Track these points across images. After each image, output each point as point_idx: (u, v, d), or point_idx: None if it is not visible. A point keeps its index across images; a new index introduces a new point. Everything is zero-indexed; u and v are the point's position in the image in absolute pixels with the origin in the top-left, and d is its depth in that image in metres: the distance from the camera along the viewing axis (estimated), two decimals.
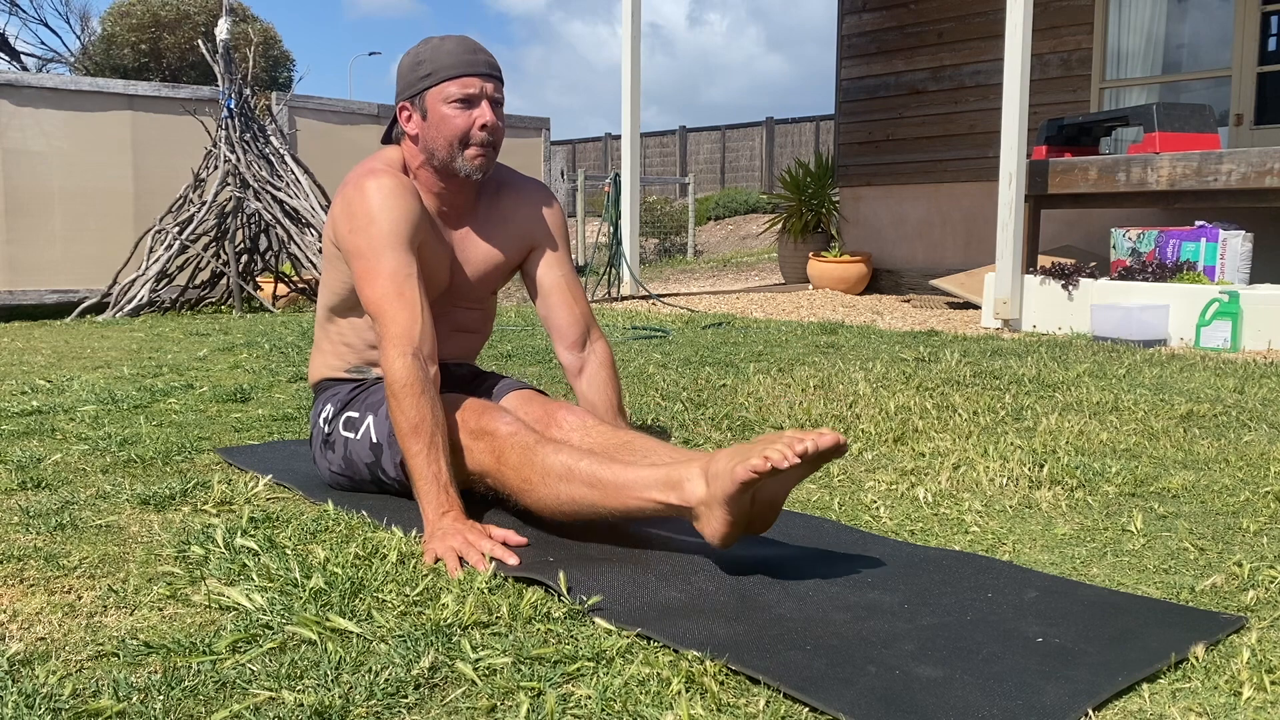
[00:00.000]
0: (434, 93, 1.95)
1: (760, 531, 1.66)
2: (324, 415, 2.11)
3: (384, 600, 1.47)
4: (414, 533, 1.76)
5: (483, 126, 1.95)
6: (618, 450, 1.83)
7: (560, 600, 1.47)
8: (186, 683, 1.21)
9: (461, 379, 2.17)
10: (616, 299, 7.43)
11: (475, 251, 2.09)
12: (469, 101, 1.94)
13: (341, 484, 2.10)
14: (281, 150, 7.07)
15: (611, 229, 7.62)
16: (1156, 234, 5.32)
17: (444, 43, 1.97)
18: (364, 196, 1.92)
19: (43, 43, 42.60)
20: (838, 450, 1.52)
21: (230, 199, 6.79)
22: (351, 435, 2.04)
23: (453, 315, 2.10)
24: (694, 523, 1.61)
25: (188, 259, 6.72)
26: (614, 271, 7.60)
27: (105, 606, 1.47)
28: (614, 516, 1.69)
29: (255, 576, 1.56)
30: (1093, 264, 5.76)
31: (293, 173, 6.99)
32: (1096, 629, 1.39)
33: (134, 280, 6.56)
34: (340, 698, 1.17)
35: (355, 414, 2.05)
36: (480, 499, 1.90)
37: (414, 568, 1.61)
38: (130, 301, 6.45)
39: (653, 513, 1.66)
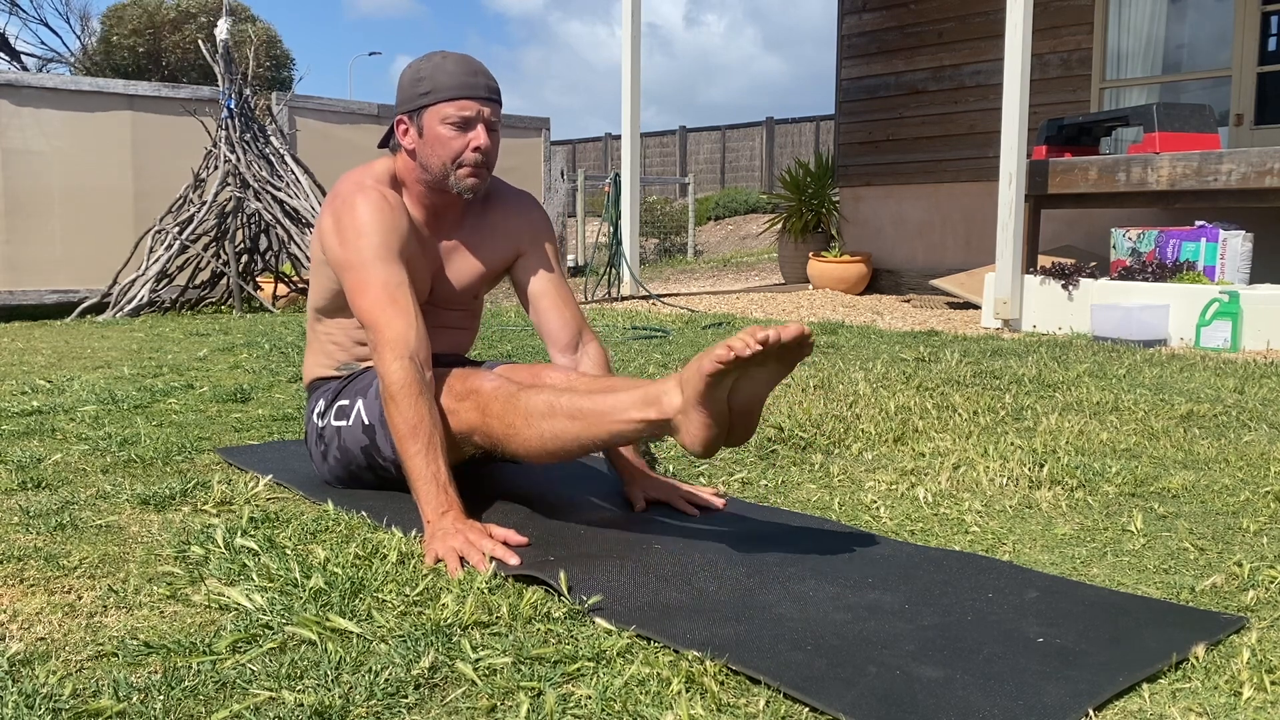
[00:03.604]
0: (432, 112, 1.96)
1: (740, 442, 1.67)
2: (317, 411, 2.13)
3: (384, 600, 1.47)
4: (414, 533, 1.76)
5: (476, 149, 1.96)
6: (600, 392, 1.85)
7: (560, 600, 1.47)
8: (186, 683, 1.21)
9: (450, 365, 2.18)
10: (617, 299, 7.43)
11: (460, 262, 2.12)
12: (465, 124, 1.95)
13: (339, 477, 2.11)
14: (281, 150, 7.07)
15: (611, 229, 7.62)
16: (1156, 234, 5.32)
17: (445, 61, 1.98)
18: (353, 211, 1.95)
19: (43, 43, 42.59)
20: (803, 343, 1.54)
21: (230, 199, 6.79)
22: (344, 423, 2.06)
23: (437, 316, 2.12)
24: (675, 436, 1.64)
25: (188, 259, 6.72)
26: (614, 271, 7.60)
27: (105, 606, 1.47)
28: (599, 445, 1.73)
29: (255, 576, 1.56)
30: (1093, 264, 5.76)
31: (293, 173, 6.99)
32: (1097, 629, 1.39)
33: (134, 280, 6.56)
34: (340, 698, 1.17)
35: (345, 402, 2.07)
36: (480, 498, 1.90)
37: (414, 568, 1.61)
38: (130, 301, 6.45)
39: (634, 434, 1.70)
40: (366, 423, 2.02)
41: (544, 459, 1.79)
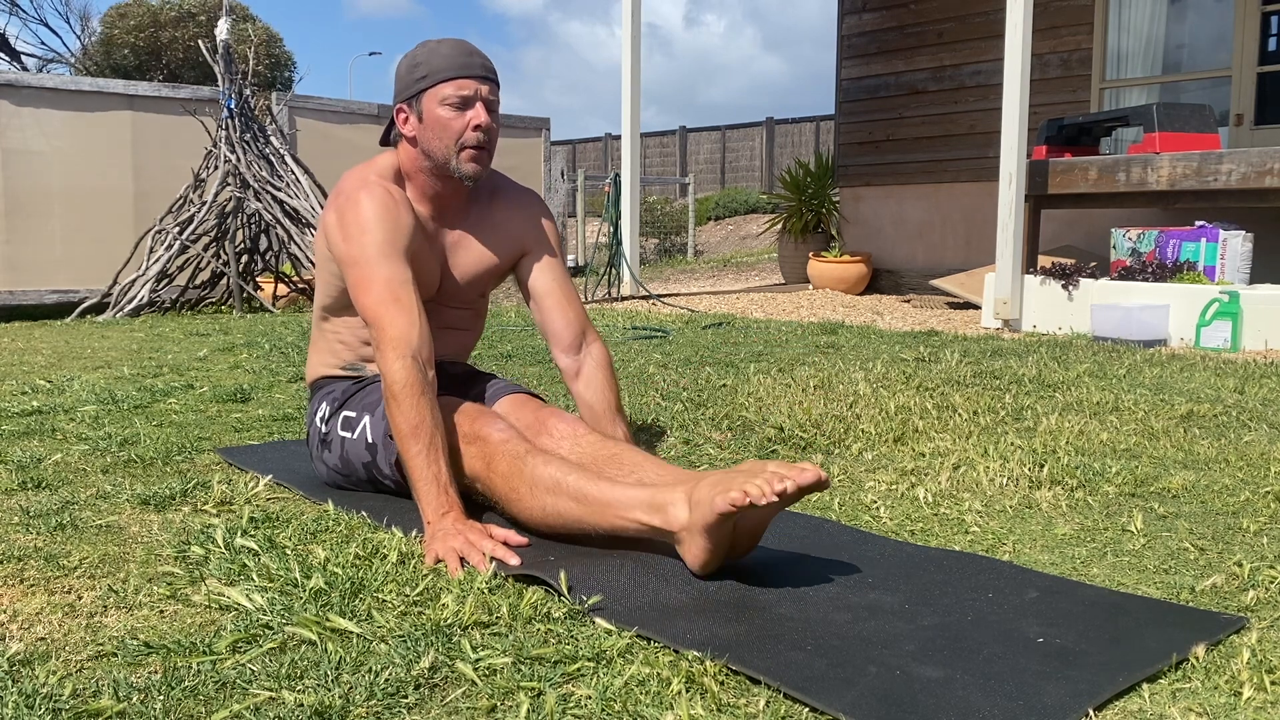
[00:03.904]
0: (430, 95, 1.96)
1: (740, 557, 1.66)
2: (320, 414, 2.12)
3: (384, 600, 1.47)
4: (414, 533, 1.76)
5: (477, 127, 1.96)
6: (606, 463, 1.84)
7: (560, 600, 1.47)
8: (186, 683, 1.21)
9: (456, 378, 2.18)
10: (617, 299, 7.43)
11: (466, 256, 2.11)
12: (464, 103, 1.95)
13: (339, 483, 2.11)
14: (281, 150, 7.07)
15: (611, 229, 7.62)
16: (1156, 234, 5.32)
17: (440, 46, 1.98)
18: (357, 207, 1.95)
19: (43, 43, 42.57)
20: (819, 487, 1.53)
21: (230, 199, 6.79)
22: (348, 435, 2.05)
23: (442, 315, 2.12)
24: (676, 547, 1.62)
25: (188, 259, 6.72)
26: (614, 271, 7.60)
27: (105, 606, 1.47)
28: (598, 533, 1.69)
29: (255, 576, 1.56)
30: (1093, 264, 5.76)
31: (293, 173, 6.99)
32: (1097, 629, 1.39)
33: (134, 280, 6.56)
34: (340, 698, 1.17)
35: (352, 413, 2.06)
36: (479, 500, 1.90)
37: (414, 568, 1.61)
38: (130, 301, 6.45)
39: (635, 533, 1.66)
40: (370, 441, 2.02)
41: (542, 530, 1.76)
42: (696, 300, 7.42)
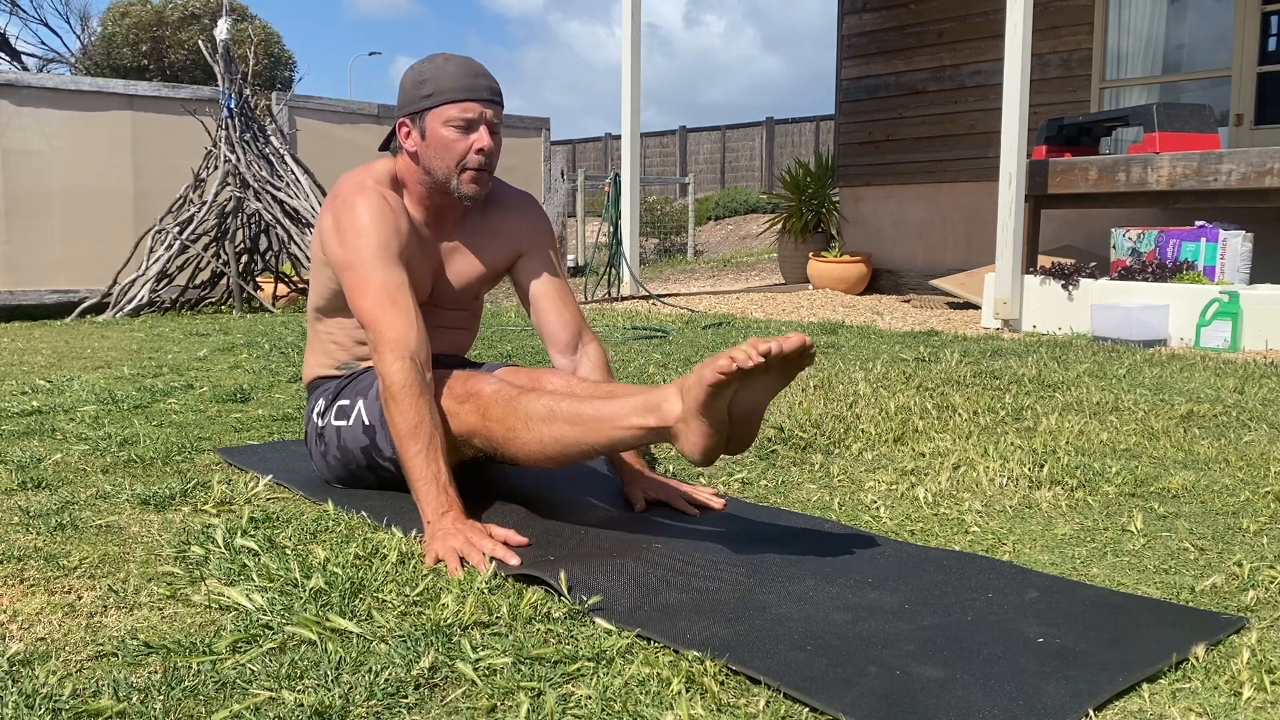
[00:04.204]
0: (434, 114, 1.96)
1: (740, 450, 1.68)
2: (317, 410, 2.13)
3: (384, 600, 1.47)
4: (414, 533, 1.76)
5: (479, 150, 1.96)
6: (600, 397, 1.85)
7: (560, 600, 1.47)
8: (186, 683, 1.21)
9: (450, 366, 2.18)
10: (617, 299, 7.43)
11: (461, 263, 2.12)
12: (468, 126, 1.95)
13: (339, 476, 2.11)
14: (281, 150, 7.07)
15: (611, 229, 7.62)
16: (1156, 234, 5.32)
17: (447, 63, 1.98)
18: (352, 212, 1.95)
19: (43, 43, 42.56)
20: (805, 354, 1.55)
21: (230, 199, 6.79)
22: (344, 423, 2.06)
23: (437, 315, 2.12)
24: (675, 443, 1.64)
25: (188, 259, 6.72)
26: (614, 271, 7.60)
27: (105, 606, 1.47)
28: (598, 451, 1.73)
29: (255, 576, 1.56)
30: (1093, 264, 5.76)
31: (293, 173, 6.99)
32: (1097, 629, 1.39)
33: (134, 280, 6.56)
34: (340, 698, 1.17)
35: (346, 402, 2.07)
36: (480, 498, 1.91)
37: (414, 568, 1.61)
38: (130, 302, 6.45)
39: (634, 440, 1.70)
40: (367, 423, 2.03)
41: (543, 463, 1.79)
42: (696, 300, 7.42)
